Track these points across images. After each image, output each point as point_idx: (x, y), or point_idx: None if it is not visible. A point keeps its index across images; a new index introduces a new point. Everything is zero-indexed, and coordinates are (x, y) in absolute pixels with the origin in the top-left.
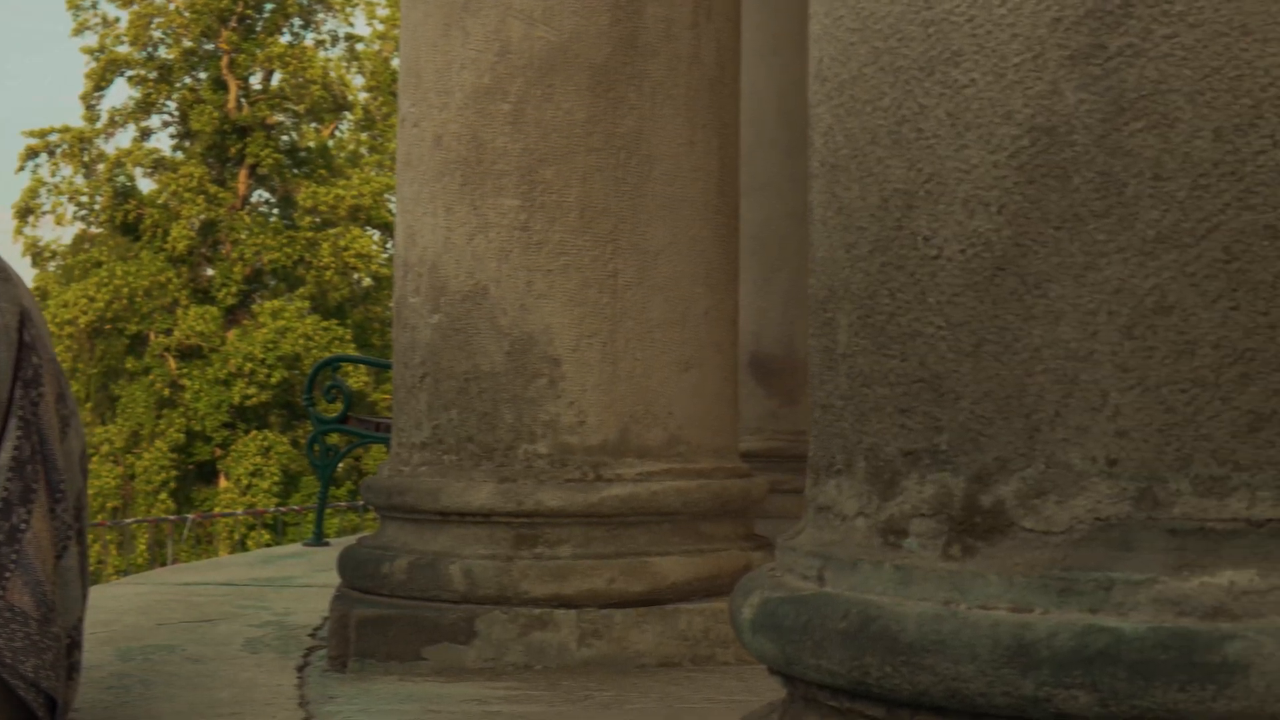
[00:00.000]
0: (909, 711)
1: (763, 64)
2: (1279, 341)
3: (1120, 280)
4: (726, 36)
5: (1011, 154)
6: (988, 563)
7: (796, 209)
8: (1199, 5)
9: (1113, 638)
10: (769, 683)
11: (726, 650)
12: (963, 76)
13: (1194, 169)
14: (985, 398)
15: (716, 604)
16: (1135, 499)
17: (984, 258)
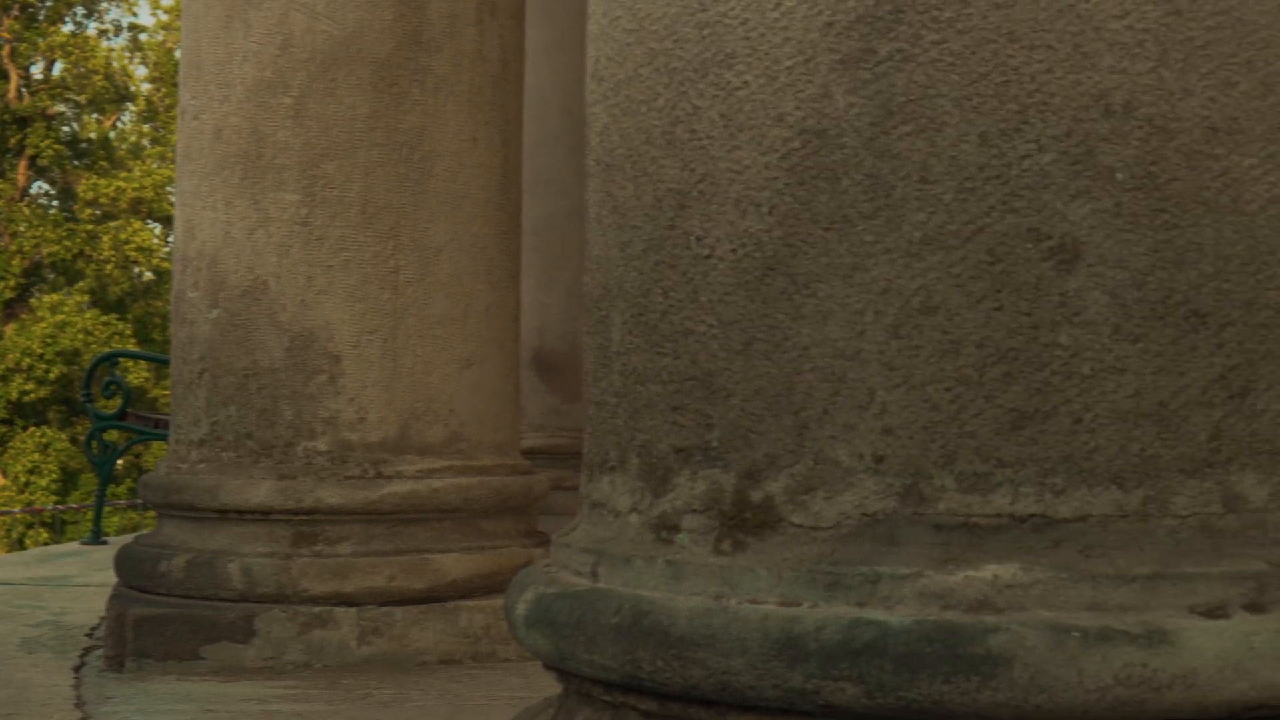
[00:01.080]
0: (681, 705)
1: (548, 61)
2: (1041, 341)
3: (887, 281)
4: (510, 33)
5: (783, 155)
6: (758, 558)
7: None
8: (968, 12)
9: (879, 631)
10: (549, 679)
11: (508, 647)
12: (736, 79)
13: (960, 172)
14: (755, 395)
15: (497, 601)
16: (901, 495)
17: (755, 257)
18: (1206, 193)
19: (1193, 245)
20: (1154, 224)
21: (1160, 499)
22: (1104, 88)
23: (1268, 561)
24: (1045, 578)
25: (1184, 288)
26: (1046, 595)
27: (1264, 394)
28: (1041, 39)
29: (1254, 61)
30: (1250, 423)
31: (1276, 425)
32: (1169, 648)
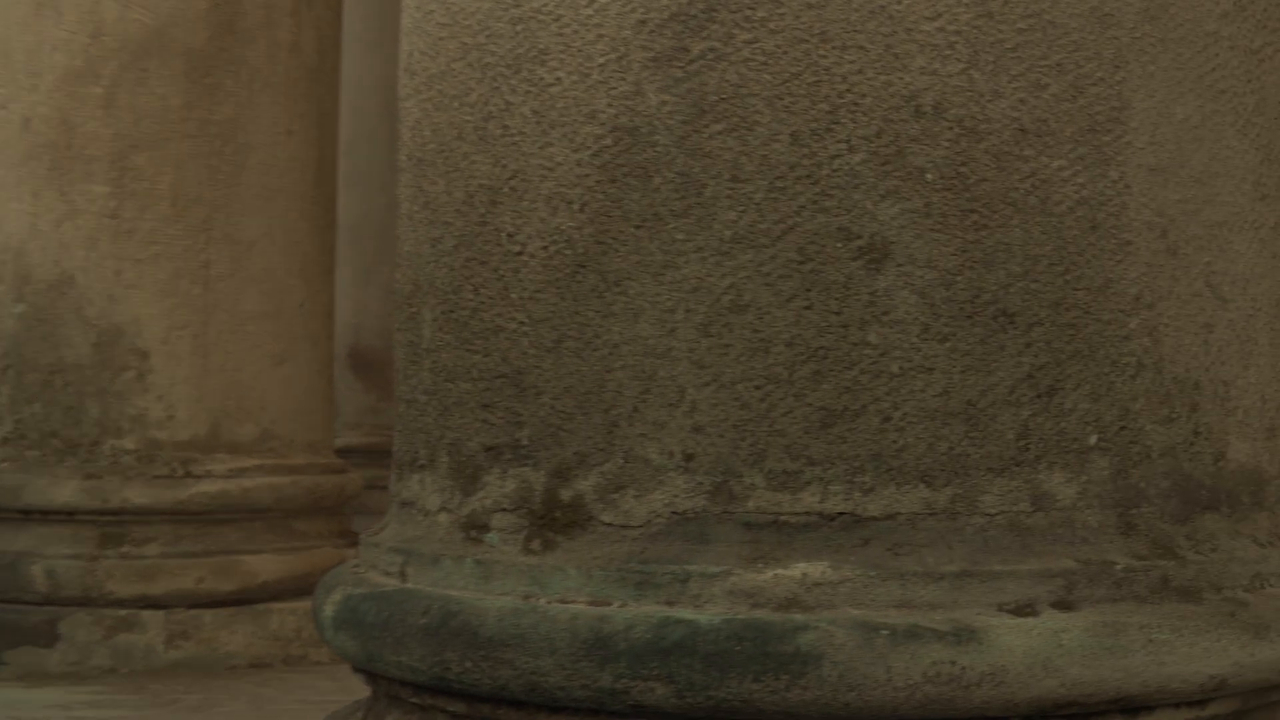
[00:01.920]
0: (490, 706)
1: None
2: (850, 340)
3: (698, 279)
4: (328, 25)
5: (595, 153)
6: (568, 556)
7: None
8: (780, 12)
9: (689, 630)
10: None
11: (320, 650)
12: (549, 75)
13: (771, 171)
14: (566, 393)
15: (309, 603)
16: (711, 493)
17: (566, 255)
18: (1015, 194)
19: (1001, 245)
20: (963, 224)
21: (969, 497)
22: (915, 89)
23: (1076, 559)
24: (854, 576)
25: (992, 287)
26: (855, 593)
27: (1072, 393)
28: (854, 39)
29: (1064, 64)
30: (1058, 421)
31: (1084, 424)
32: (977, 645)
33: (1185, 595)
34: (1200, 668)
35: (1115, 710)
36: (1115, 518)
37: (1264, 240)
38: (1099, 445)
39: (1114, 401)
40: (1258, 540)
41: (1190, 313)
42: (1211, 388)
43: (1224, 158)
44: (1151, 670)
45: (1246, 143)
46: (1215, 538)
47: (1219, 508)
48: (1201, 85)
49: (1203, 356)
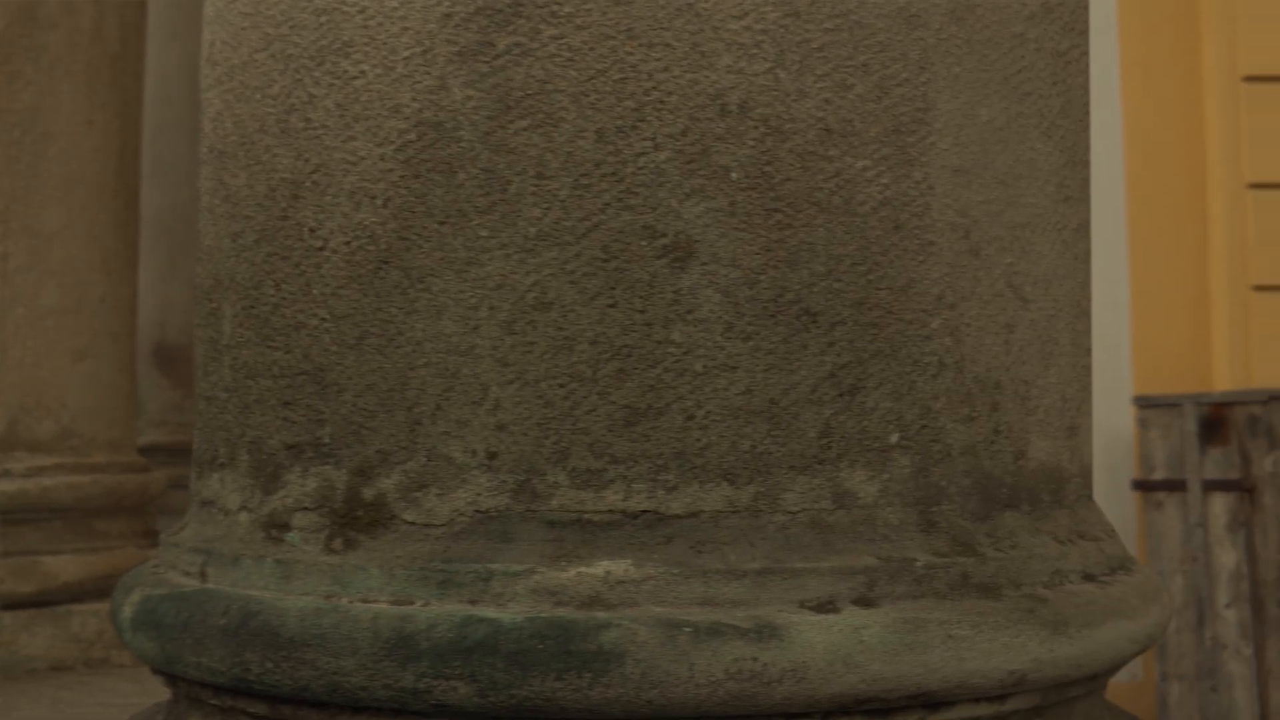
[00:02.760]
0: (291, 707)
1: (176, 45)
2: (654, 338)
3: (502, 276)
4: (131, 14)
5: (399, 148)
6: (370, 555)
7: None
8: (587, 8)
9: (491, 628)
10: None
11: (122, 653)
12: (353, 68)
13: (576, 168)
14: (368, 391)
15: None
16: (514, 491)
17: (369, 250)
18: (820, 193)
19: (805, 245)
20: (768, 223)
21: (771, 495)
22: (721, 87)
23: (877, 556)
24: (657, 573)
25: (796, 287)
26: (659, 591)
27: (874, 392)
28: (660, 37)
29: (870, 65)
30: (860, 420)
31: (886, 423)
32: (779, 642)
33: (985, 592)
34: (1000, 663)
35: (916, 706)
36: (916, 515)
37: (1066, 242)
38: (900, 444)
39: (915, 400)
40: (1057, 538)
41: (992, 313)
42: (1012, 387)
43: (1028, 159)
44: (951, 666)
45: (1051, 145)
46: (1015, 535)
47: (1019, 505)
48: (1007, 87)
49: (1004, 356)
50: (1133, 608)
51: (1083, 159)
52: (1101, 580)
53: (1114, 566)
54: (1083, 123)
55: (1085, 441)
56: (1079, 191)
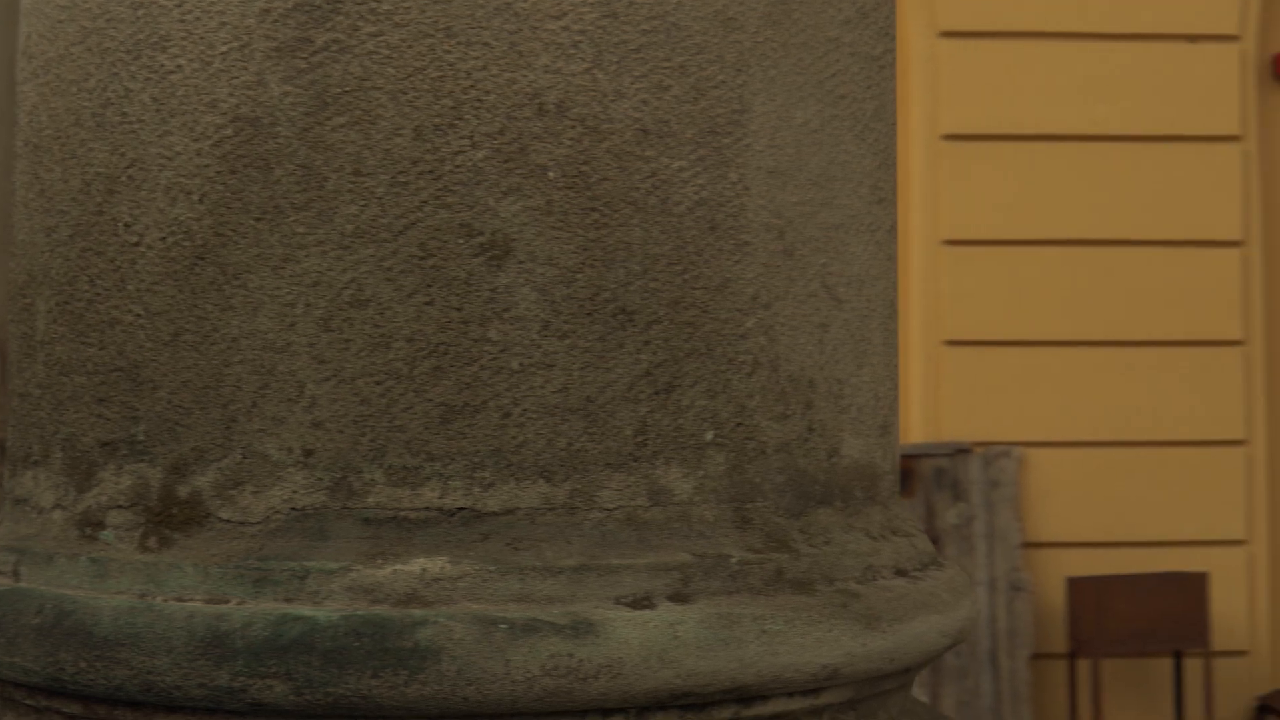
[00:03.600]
0: (106, 707)
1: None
2: (471, 336)
3: (319, 273)
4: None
5: (215, 143)
6: (185, 554)
7: None
8: (405, 5)
9: (307, 626)
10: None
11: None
12: (170, 62)
13: (394, 166)
14: (183, 388)
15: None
16: (331, 489)
17: (185, 246)
18: (636, 193)
19: (622, 244)
20: (584, 222)
21: (587, 492)
22: (539, 87)
23: (692, 553)
24: (473, 570)
25: (612, 285)
26: (475, 588)
27: (689, 390)
28: (479, 35)
29: (687, 66)
30: (676, 418)
31: (701, 420)
32: (595, 638)
33: (799, 587)
34: (813, 657)
35: (731, 700)
36: (731, 512)
37: (879, 243)
38: (715, 441)
39: (730, 398)
40: (870, 534)
41: (806, 312)
42: (826, 386)
43: (842, 161)
44: (766, 660)
45: (865, 147)
46: (829, 531)
47: (833, 502)
48: (822, 90)
49: (818, 355)
50: (944, 602)
51: (893, 161)
52: (914, 575)
53: (925, 562)
54: (893, 126)
55: (896, 439)
56: (891, 194)
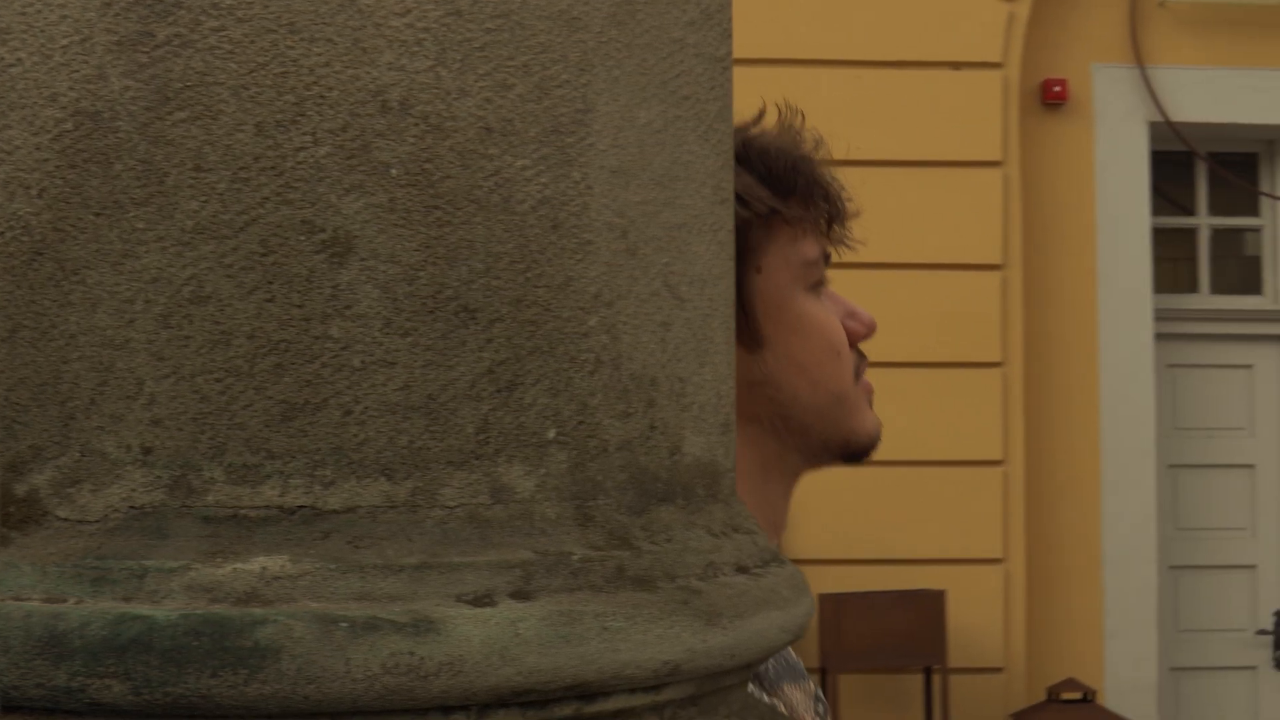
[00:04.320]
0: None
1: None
2: (312, 334)
3: (159, 269)
4: None
5: (55, 137)
6: (22, 553)
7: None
8: (248, 1)
9: (145, 626)
10: None
11: None
12: (9, 55)
13: (235, 162)
14: (20, 385)
15: None
16: (170, 487)
17: (23, 241)
18: (479, 191)
19: (465, 242)
20: (427, 220)
21: (429, 490)
22: (382, 84)
23: (534, 550)
24: (314, 569)
25: (455, 283)
26: (315, 586)
27: (531, 388)
28: (322, 31)
29: (531, 65)
30: (518, 416)
31: (543, 418)
32: (436, 636)
33: (640, 584)
34: (654, 654)
35: (573, 697)
36: (573, 510)
37: (722, 243)
38: (558, 439)
39: (573, 397)
40: (711, 531)
41: (648, 311)
42: (668, 384)
43: (685, 161)
44: (607, 657)
45: (708, 148)
46: (670, 529)
47: (674, 500)
48: (666, 90)
49: (660, 354)
50: (784, 598)
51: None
52: (754, 572)
53: (767, 559)
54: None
55: (734, 438)
56: (732, 195)
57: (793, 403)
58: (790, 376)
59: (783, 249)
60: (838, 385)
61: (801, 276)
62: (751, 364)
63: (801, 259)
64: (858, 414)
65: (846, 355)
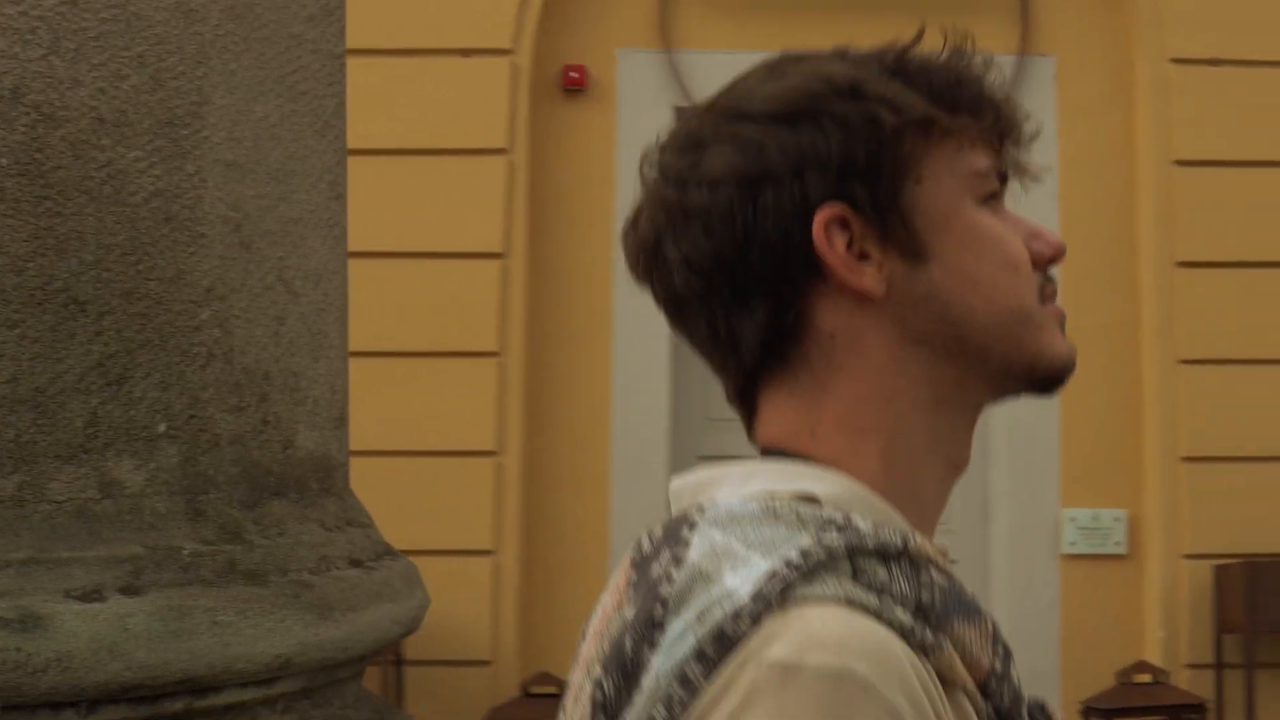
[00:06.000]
0: None
1: None
2: None
3: None
4: None
5: None
6: None
7: None
8: None
9: None
10: None
11: None
12: None
13: None
14: None
15: None
16: None
17: None
18: (91, 182)
19: (75, 233)
20: (37, 211)
21: (37, 484)
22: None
23: (145, 545)
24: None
25: (64, 275)
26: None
27: (142, 381)
28: None
29: (146, 57)
30: (128, 410)
31: (154, 412)
32: (44, 632)
33: (252, 578)
34: (266, 648)
35: (184, 692)
36: (184, 504)
37: (336, 238)
38: (169, 433)
39: (184, 390)
40: (325, 525)
41: (263, 305)
42: (282, 378)
43: (301, 157)
44: (217, 652)
45: (325, 143)
46: (283, 523)
47: (287, 494)
48: (283, 86)
49: (273, 348)
50: (397, 591)
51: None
52: (368, 566)
53: (380, 552)
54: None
55: (347, 432)
56: (346, 190)
57: (967, 320)
58: (962, 291)
59: (947, 159)
60: (1017, 301)
61: (971, 187)
62: (914, 278)
63: (970, 169)
64: (1046, 334)
65: (1027, 272)
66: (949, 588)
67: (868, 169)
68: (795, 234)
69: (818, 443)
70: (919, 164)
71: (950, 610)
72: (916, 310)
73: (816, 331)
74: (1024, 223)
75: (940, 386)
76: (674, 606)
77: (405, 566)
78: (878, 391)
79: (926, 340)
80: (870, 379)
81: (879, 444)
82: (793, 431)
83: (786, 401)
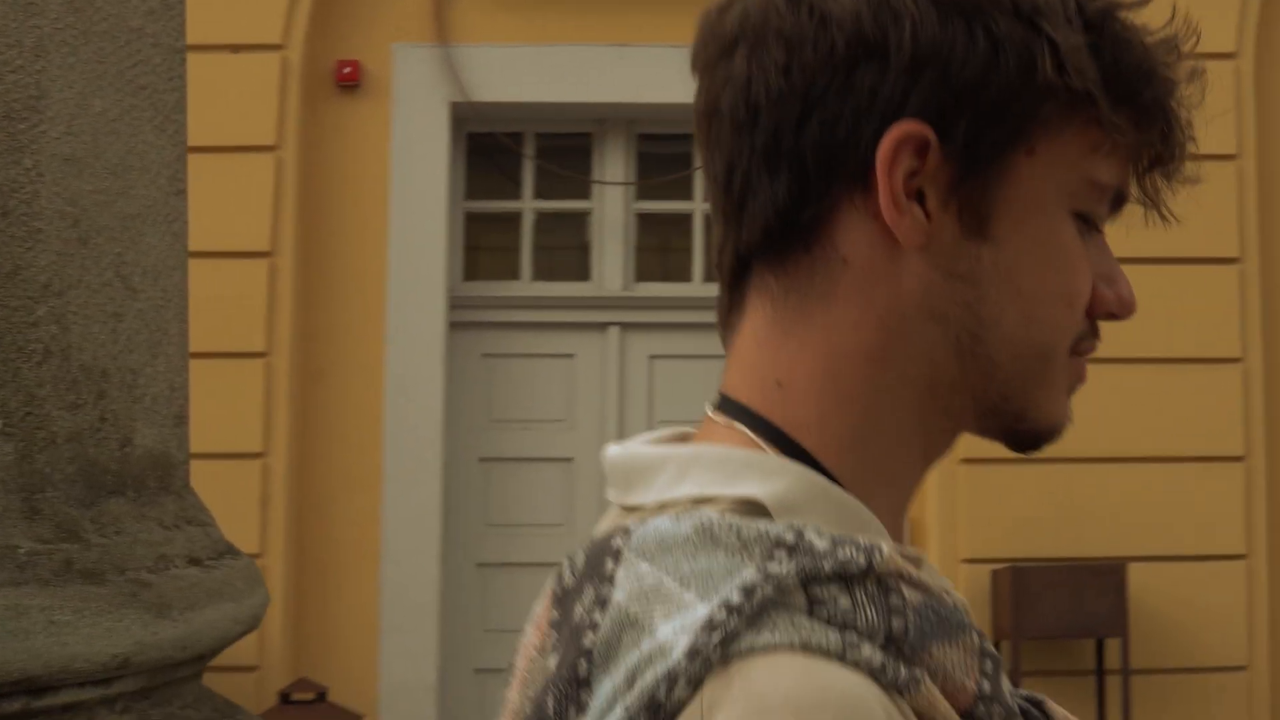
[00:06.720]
0: None
1: None
2: None
3: None
4: None
5: None
6: None
7: None
8: None
9: None
10: None
11: None
12: None
13: None
14: None
15: None
16: None
17: None
18: None
19: None
20: None
21: None
22: None
23: None
24: None
25: None
26: None
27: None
28: None
29: None
30: None
31: None
32: None
33: (89, 577)
34: (103, 647)
35: (20, 692)
36: (20, 502)
37: (176, 234)
38: (4, 430)
39: (20, 387)
40: (163, 523)
41: (100, 301)
42: (120, 375)
43: (141, 152)
44: (54, 651)
45: (165, 139)
46: (121, 521)
47: (125, 492)
48: (123, 80)
49: (111, 345)
50: (237, 590)
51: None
52: (207, 564)
53: (220, 551)
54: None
55: (188, 429)
56: (186, 185)
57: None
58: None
59: (1074, 148)
60: (1051, 336)
61: (1077, 193)
62: (961, 251)
63: (1089, 175)
64: (1053, 389)
65: (1078, 314)
66: (923, 605)
67: (990, 109)
68: (866, 129)
69: (786, 398)
70: (1040, 135)
71: (927, 635)
72: (948, 284)
73: (830, 246)
74: (1108, 261)
75: (938, 373)
76: (600, 661)
77: (246, 565)
78: (870, 347)
79: (943, 320)
80: (866, 329)
81: (854, 414)
82: (760, 375)
83: (769, 318)
